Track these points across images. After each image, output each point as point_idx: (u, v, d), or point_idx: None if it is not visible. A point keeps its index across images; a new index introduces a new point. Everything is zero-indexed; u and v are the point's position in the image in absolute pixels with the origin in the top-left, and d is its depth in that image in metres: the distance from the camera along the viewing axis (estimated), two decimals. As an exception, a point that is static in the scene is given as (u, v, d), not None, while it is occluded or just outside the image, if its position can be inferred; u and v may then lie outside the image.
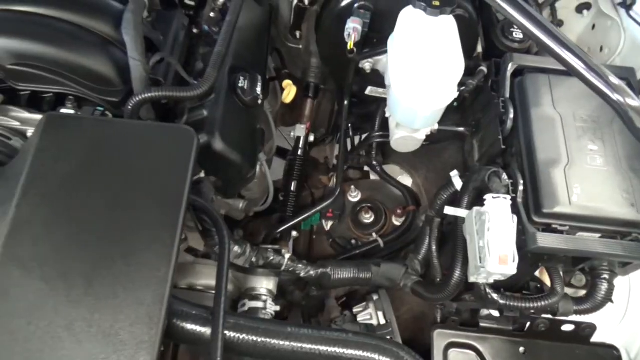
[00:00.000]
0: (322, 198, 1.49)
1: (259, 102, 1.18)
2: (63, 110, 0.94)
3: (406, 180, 1.56)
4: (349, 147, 1.55)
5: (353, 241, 1.42)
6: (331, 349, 0.82)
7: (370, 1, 1.13)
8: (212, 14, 1.23)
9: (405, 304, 1.33)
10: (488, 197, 0.91)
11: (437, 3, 0.95)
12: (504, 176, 0.96)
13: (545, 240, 0.91)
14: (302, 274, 1.09)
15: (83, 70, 0.94)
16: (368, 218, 1.46)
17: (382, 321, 1.13)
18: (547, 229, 0.93)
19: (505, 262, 0.86)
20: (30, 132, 0.91)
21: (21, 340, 0.64)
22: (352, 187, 1.48)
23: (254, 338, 0.81)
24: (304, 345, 0.82)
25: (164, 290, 0.70)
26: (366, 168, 1.58)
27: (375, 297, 1.17)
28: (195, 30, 1.22)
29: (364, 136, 1.59)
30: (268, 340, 0.81)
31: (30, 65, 0.91)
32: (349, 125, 1.53)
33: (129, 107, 0.92)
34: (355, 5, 1.14)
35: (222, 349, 0.76)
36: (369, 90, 1.37)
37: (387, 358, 0.82)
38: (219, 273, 0.84)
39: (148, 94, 0.91)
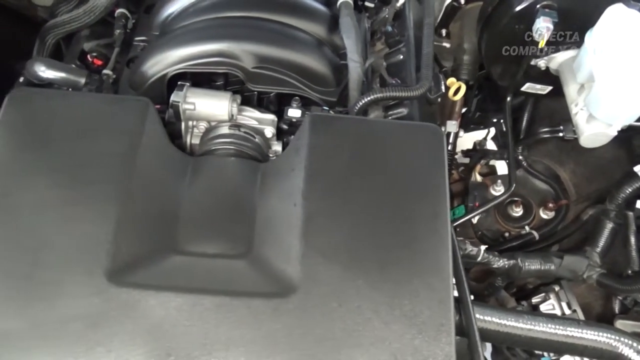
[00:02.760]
0: (466, 191, 1.55)
1: (439, 100, 1.23)
2: (291, 110, 1.00)
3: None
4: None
5: (506, 234, 1.47)
6: (569, 331, 0.86)
7: (555, 0, 1.16)
8: (387, 15, 1.28)
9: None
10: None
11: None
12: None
13: None
14: (495, 265, 1.14)
15: (309, 71, 1.00)
16: (518, 212, 1.49)
17: (567, 311, 1.16)
18: None
19: None
20: (267, 130, 0.97)
21: (337, 320, 0.71)
22: (499, 181, 1.52)
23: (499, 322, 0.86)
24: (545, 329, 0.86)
25: (448, 277, 0.75)
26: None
27: (556, 288, 1.20)
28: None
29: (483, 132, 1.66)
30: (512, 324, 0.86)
31: (269, 68, 0.97)
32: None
33: (357, 107, 0.97)
34: (539, 5, 1.17)
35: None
36: (527, 87, 1.41)
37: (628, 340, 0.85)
38: (455, 262, 0.89)
39: (378, 94, 0.96)
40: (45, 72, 0.93)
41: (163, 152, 0.84)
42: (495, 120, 1.58)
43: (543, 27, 1.13)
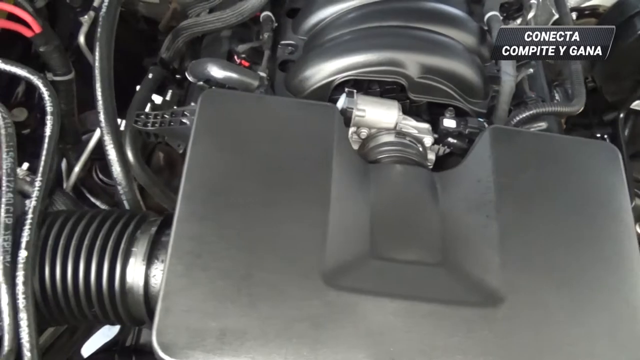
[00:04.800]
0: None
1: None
2: (446, 121, 1.01)
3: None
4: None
5: None
6: None
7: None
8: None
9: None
10: None
11: None
12: None
13: None
14: None
15: (465, 82, 1.02)
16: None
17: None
18: None
19: None
20: (427, 139, 0.99)
21: (545, 330, 0.72)
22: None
23: None
24: None
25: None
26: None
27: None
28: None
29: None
30: None
31: (431, 78, 0.99)
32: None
33: (516, 120, 0.99)
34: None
35: None
36: (636, 104, 1.44)
37: None
38: None
39: (540, 109, 0.98)
40: (219, 72, 0.95)
41: (350, 158, 0.85)
42: (599, 135, 1.60)
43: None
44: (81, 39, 1.22)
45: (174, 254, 0.71)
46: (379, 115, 0.95)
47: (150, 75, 1.24)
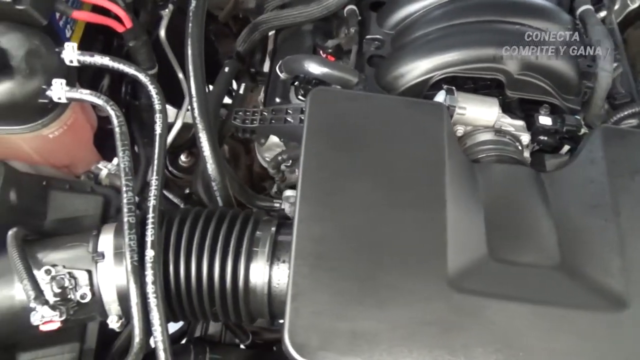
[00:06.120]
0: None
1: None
2: (542, 118, 1.00)
3: None
4: None
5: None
6: None
7: None
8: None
9: None
10: None
11: None
12: None
13: None
14: None
15: (562, 78, 1.00)
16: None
17: None
18: None
19: None
20: (524, 137, 0.97)
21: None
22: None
23: None
24: None
25: None
26: None
27: None
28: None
29: None
30: None
31: (530, 75, 0.97)
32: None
33: (617, 117, 0.97)
34: None
35: None
36: None
37: None
38: None
39: (639, 108, 0.97)
40: (317, 69, 0.94)
41: (460, 158, 0.84)
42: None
43: None
44: (162, 32, 1.22)
45: (298, 255, 0.71)
46: (480, 113, 0.93)
47: (226, 69, 1.24)
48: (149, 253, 0.71)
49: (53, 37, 0.92)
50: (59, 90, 0.81)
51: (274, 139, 1.16)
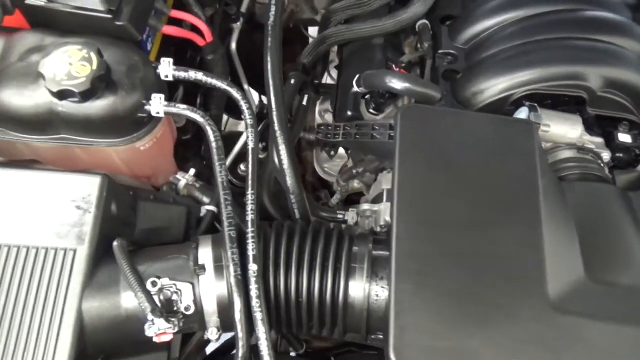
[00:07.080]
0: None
1: None
2: (621, 135, 1.00)
3: None
4: None
5: None
6: None
7: None
8: None
9: None
10: None
11: None
12: None
13: None
14: None
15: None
16: None
17: None
18: None
19: None
20: (605, 154, 0.97)
21: None
22: None
23: None
24: None
25: None
26: None
27: None
28: None
29: None
30: None
31: (612, 92, 0.97)
32: None
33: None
34: None
35: None
36: None
37: None
38: None
39: None
40: (400, 84, 0.95)
41: (551, 176, 0.85)
42: None
43: None
44: (233, 45, 1.24)
45: (399, 272, 0.72)
46: (564, 130, 0.93)
47: (292, 81, 1.25)
48: (253, 267, 0.73)
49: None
50: (157, 105, 0.83)
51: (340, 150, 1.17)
